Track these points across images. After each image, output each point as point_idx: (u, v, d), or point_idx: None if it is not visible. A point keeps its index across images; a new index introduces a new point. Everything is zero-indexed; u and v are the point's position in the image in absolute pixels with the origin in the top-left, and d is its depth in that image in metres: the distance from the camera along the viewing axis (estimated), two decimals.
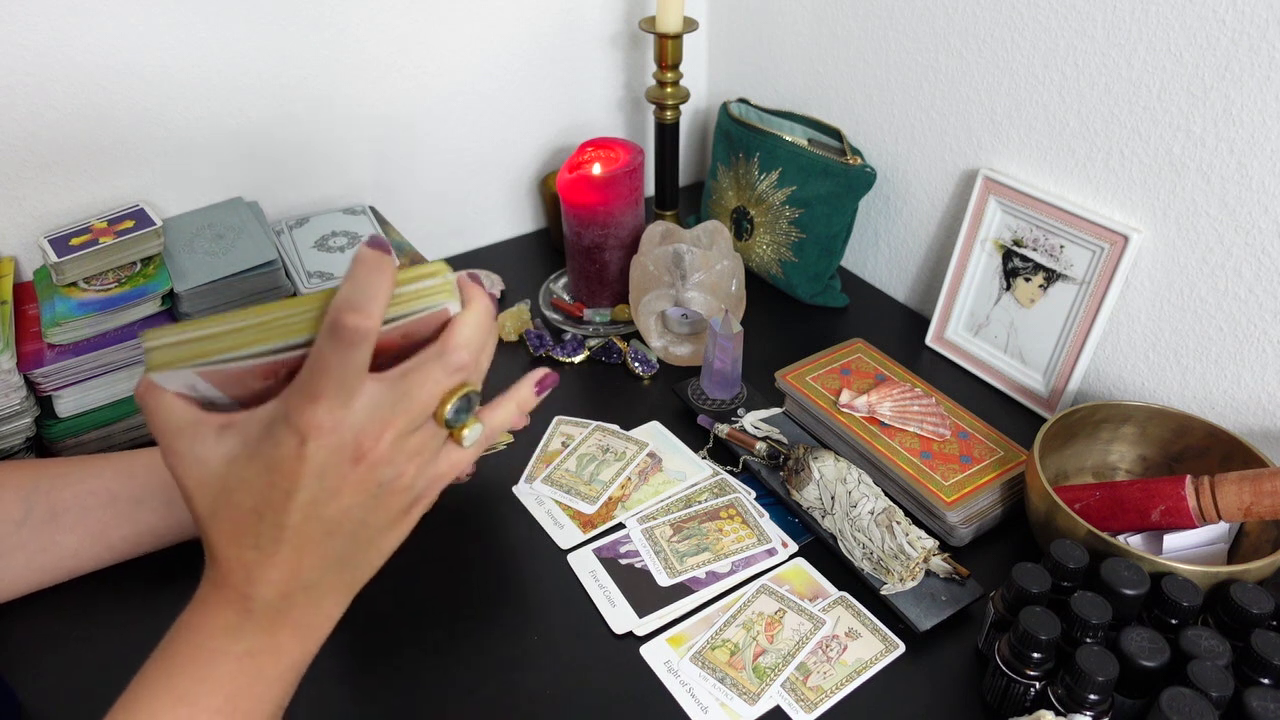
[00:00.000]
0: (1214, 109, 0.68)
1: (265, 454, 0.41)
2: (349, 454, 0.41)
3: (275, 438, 0.41)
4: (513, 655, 0.62)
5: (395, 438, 0.42)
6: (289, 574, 0.43)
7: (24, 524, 0.59)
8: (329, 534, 0.43)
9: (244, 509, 0.42)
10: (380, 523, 0.45)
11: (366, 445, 0.41)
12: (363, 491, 0.43)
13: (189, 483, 0.43)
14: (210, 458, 0.42)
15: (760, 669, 0.61)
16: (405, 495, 0.45)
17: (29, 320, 0.76)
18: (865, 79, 0.96)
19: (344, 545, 0.44)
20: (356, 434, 0.41)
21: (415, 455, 0.44)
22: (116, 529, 0.62)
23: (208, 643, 0.43)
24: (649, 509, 0.73)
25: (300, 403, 0.40)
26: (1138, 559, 0.59)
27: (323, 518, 0.42)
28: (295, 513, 0.41)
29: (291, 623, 0.44)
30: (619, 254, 0.93)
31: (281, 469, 0.41)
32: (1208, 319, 0.73)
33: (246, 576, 0.42)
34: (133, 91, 0.82)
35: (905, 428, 0.76)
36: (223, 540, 0.43)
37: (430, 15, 0.95)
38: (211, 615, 0.43)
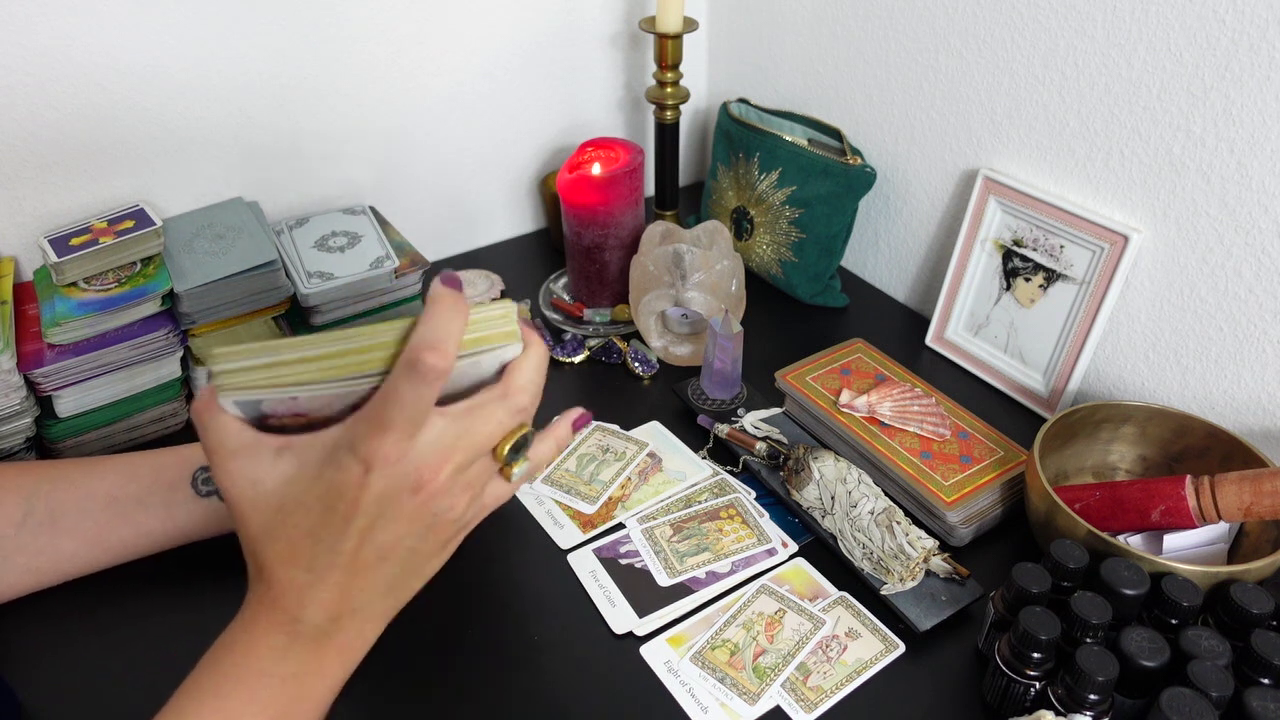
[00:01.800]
0: (1214, 109, 0.68)
1: (327, 478, 0.42)
2: (409, 484, 0.43)
3: (338, 463, 0.42)
4: (513, 655, 0.62)
5: (453, 470, 0.44)
6: (339, 598, 0.44)
7: (23, 526, 0.59)
8: (381, 559, 0.44)
9: (300, 531, 0.43)
10: (428, 550, 0.46)
11: (426, 477, 0.43)
12: (418, 521, 0.44)
13: (243, 503, 0.44)
14: (266, 478, 0.43)
15: (760, 669, 0.61)
16: (454, 526, 0.47)
17: (29, 320, 0.76)
18: (865, 79, 0.96)
19: (393, 572, 0.45)
20: (418, 466, 0.43)
21: (468, 488, 0.46)
22: (115, 531, 0.62)
23: (255, 664, 0.43)
24: (649, 509, 0.73)
25: (368, 431, 0.42)
26: (1138, 559, 0.59)
27: (377, 544, 0.44)
28: (352, 538, 0.43)
29: (336, 646, 0.45)
30: (619, 254, 0.93)
31: (343, 494, 0.42)
32: (1208, 319, 0.73)
33: (298, 599, 0.44)
34: (133, 91, 0.82)
35: (905, 428, 0.76)
36: (276, 561, 0.44)
37: (430, 15, 0.95)
38: (261, 636, 0.44)
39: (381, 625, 0.48)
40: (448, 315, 0.42)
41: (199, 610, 0.64)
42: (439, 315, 0.42)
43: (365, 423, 0.42)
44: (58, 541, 0.60)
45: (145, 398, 0.79)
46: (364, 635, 0.47)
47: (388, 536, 0.44)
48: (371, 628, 0.47)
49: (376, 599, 0.46)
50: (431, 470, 0.43)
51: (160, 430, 0.81)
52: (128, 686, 0.60)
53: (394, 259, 0.86)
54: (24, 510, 0.59)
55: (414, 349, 0.41)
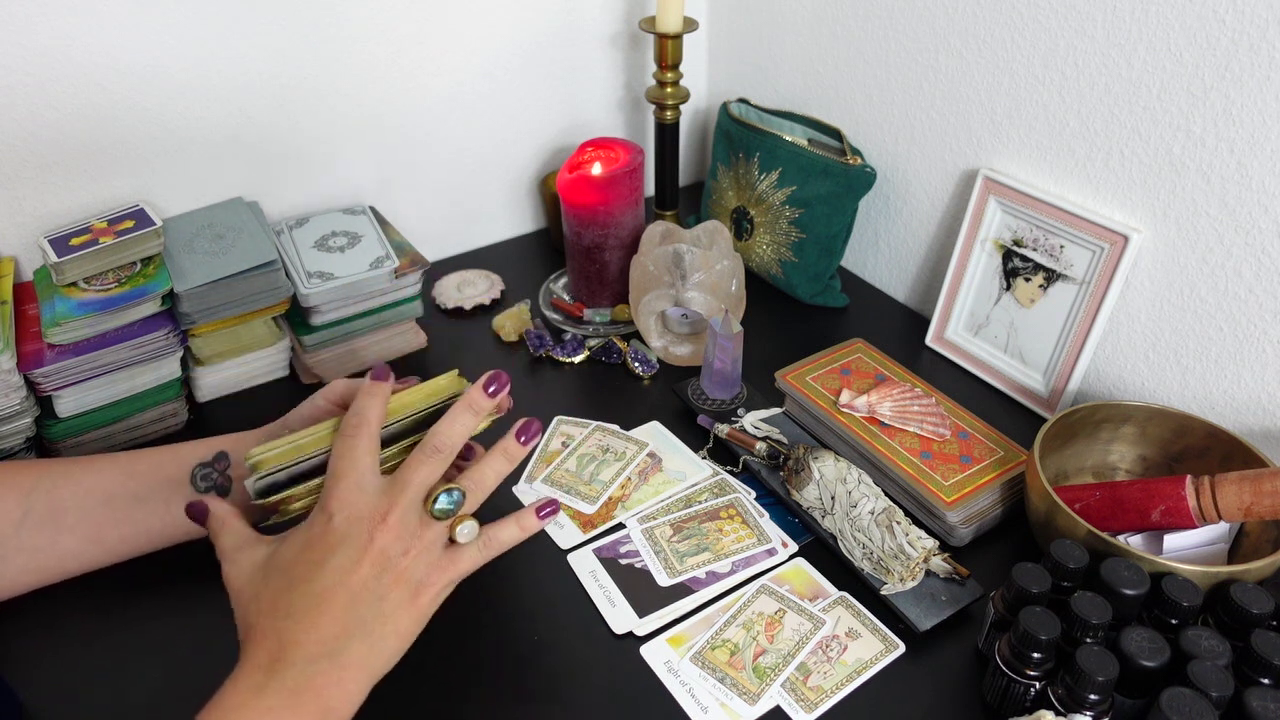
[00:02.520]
0: (1214, 109, 0.68)
1: (302, 536, 0.51)
2: (366, 526, 0.51)
3: (310, 521, 0.52)
4: (513, 655, 0.62)
5: (400, 515, 0.52)
6: (314, 637, 0.48)
7: (23, 524, 0.59)
8: (351, 602, 0.49)
9: (279, 587, 0.50)
10: (395, 598, 0.51)
11: (376, 521, 0.51)
12: (377, 564, 0.51)
13: (239, 581, 0.52)
14: (258, 558, 0.52)
15: (760, 669, 0.61)
16: (408, 576, 0.52)
17: (29, 320, 0.76)
18: (865, 79, 0.96)
19: (363, 615, 0.50)
20: (371, 509, 0.51)
21: (416, 537, 0.52)
22: (115, 529, 0.62)
23: (235, 699, 0.47)
24: (649, 509, 0.73)
25: (329, 487, 0.52)
26: (1138, 559, 0.59)
27: (346, 585, 0.49)
28: (322, 580, 0.49)
29: (314, 689, 0.47)
30: (619, 254, 0.93)
31: (313, 544, 0.51)
32: (1208, 319, 0.73)
33: (278, 640, 0.48)
34: (133, 91, 0.82)
35: (905, 428, 0.76)
36: (259, 616, 0.49)
37: (430, 15, 0.95)
38: (243, 679, 0.48)
39: (360, 678, 0.50)
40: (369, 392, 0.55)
41: (199, 611, 0.64)
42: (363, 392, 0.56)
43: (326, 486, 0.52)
44: (58, 539, 0.61)
45: (145, 398, 0.79)
46: (342, 684, 0.48)
47: (354, 580, 0.50)
48: (349, 677, 0.49)
49: (349, 642, 0.49)
50: (381, 514, 0.51)
51: (160, 430, 0.81)
52: (128, 687, 0.60)
53: (394, 259, 0.86)
54: (24, 508, 0.60)
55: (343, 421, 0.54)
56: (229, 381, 0.85)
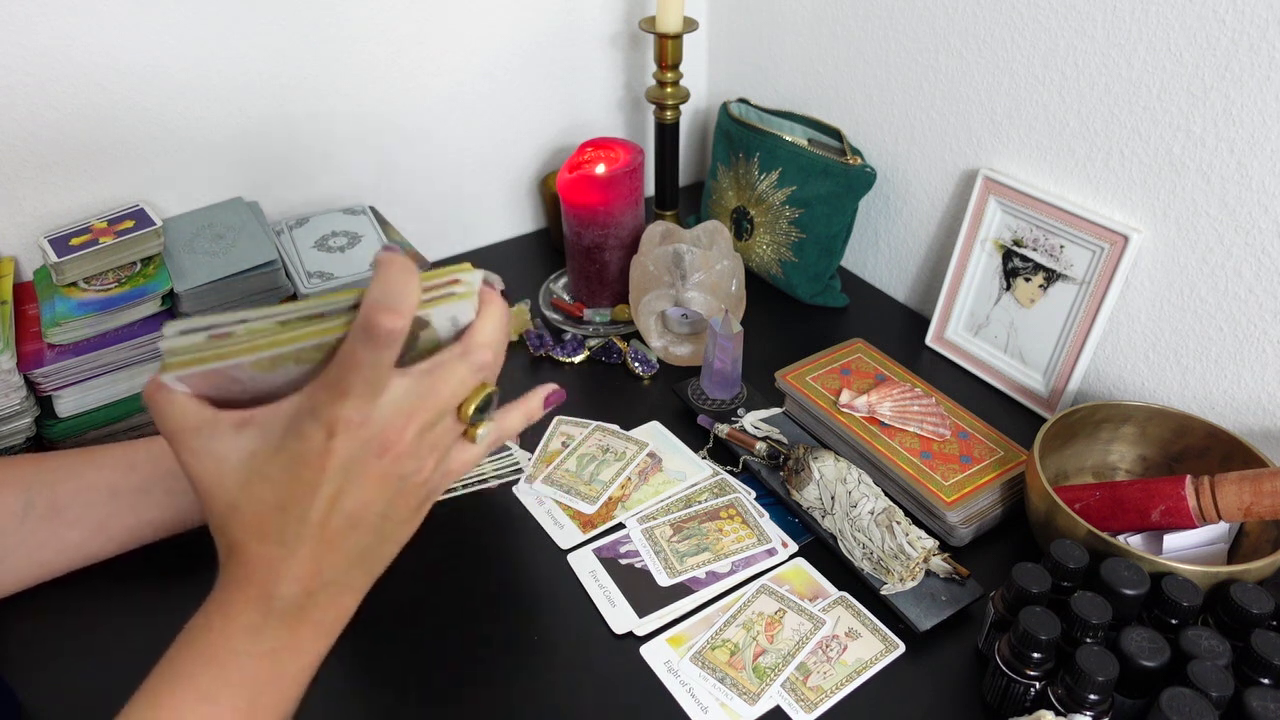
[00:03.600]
0: (1214, 109, 0.68)
1: (290, 448, 0.42)
2: (375, 447, 0.42)
3: (301, 432, 0.41)
4: (513, 655, 0.62)
5: (418, 431, 0.43)
6: (312, 570, 0.43)
7: (25, 520, 0.59)
8: (352, 527, 0.44)
9: (267, 504, 0.42)
10: (399, 516, 0.46)
11: (391, 438, 0.43)
12: (386, 485, 0.44)
13: (206, 479, 0.43)
14: (228, 453, 0.42)
15: (760, 669, 0.61)
16: (423, 489, 0.46)
17: (29, 320, 0.76)
18: (865, 79, 0.96)
19: (365, 540, 0.44)
20: (383, 428, 0.42)
21: (434, 449, 0.45)
22: (119, 521, 0.62)
23: (229, 643, 0.43)
24: (649, 509, 0.73)
25: (329, 398, 0.41)
26: (1138, 559, 0.59)
27: (346, 511, 0.43)
28: (320, 507, 0.42)
29: (312, 621, 0.44)
30: (619, 254, 0.93)
31: (308, 463, 0.41)
32: (1208, 319, 0.73)
33: (270, 572, 0.43)
34: (133, 91, 0.82)
35: (905, 428, 0.76)
36: (244, 535, 0.43)
37: (430, 15, 0.95)
38: (234, 615, 0.43)
39: (358, 597, 0.47)
40: (399, 276, 0.41)
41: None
42: (390, 277, 0.41)
43: (325, 389, 0.41)
44: (61, 533, 0.60)
45: None
46: (340, 607, 0.46)
47: (356, 503, 0.43)
48: (348, 599, 0.46)
49: (350, 570, 0.45)
50: (396, 432, 0.43)
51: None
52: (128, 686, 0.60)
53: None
54: (24, 503, 0.59)
55: (368, 312, 0.40)
56: None
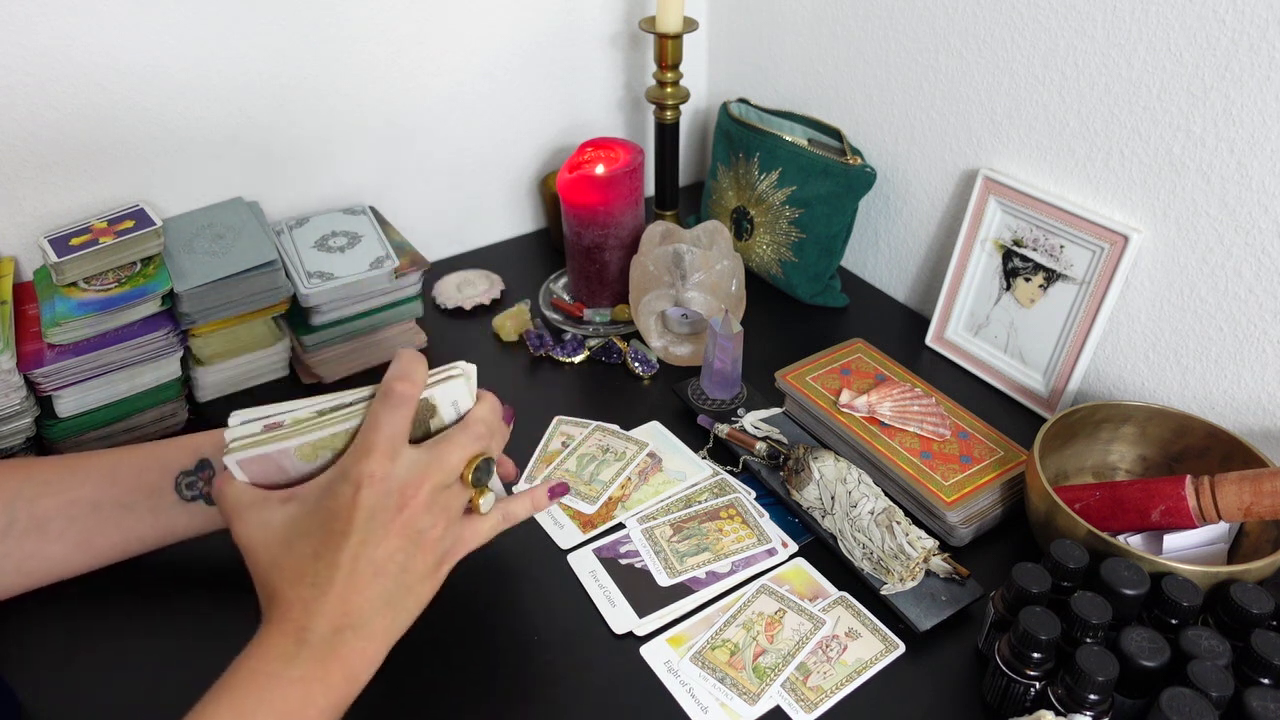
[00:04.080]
0: (1214, 109, 0.68)
1: (324, 505, 0.50)
2: (394, 501, 0.50)
3: (334, 491, 0.50)
4: (513, 655, 0.62)
5: (430, 491, 0.52)
6: (341, 610, 0.49)
7: (8, 535, 0.59)
8: (376, 574, 0.50)
9: (304, 555, 0.50)
10: (418, 570, 0.52)
11: (409, 494, 0.51)
12: (405, 537, 0.51)
13: (254, 543, 0.51)
14: (274, 521, 0.51)
15: (760, 669, 0.61)
16: (438, 546, 0.53)
17: (29, 320, 0.76)
18: (865, 79, 0.96)
19: (388, 587, 0.51)
20: (401, 484, 0.51)
21: (445, 509, 0.53)
22: (104, 536, 0.61)
23: (265, 666, 0.48)
24: (649, 509, 0.73)
25: (356, 458, 0.51)
26: (1138, 559, 0.59)
27: (372, 559, 0.50)
28: (348, 551, 0.49)
29: (340, 659, 0.49)
30: (619, 254, 0.93)
31: (338, 515, 0.50)
32: (1208, 319, 0.73)
33: (304, 610, 0.49)
34: (133, 91, 0.82)
35: (905, 428, 0.76)
36: (283, 584, 0.50)
37: (430, 15, 0.95)
38: (270, 645, 0.48)
39: (383, 646, 0.51)
40: (411, 358, 0.54)
41: (200, 610, 0.64)
42: (404, 358, 0.54)
43: (353, 454, 0.51)
44: (45, 548, 0.60)
45: (145, 398, 0.79)
46: (366, 653, 0.50)
47: (380, 552, 0.50)
48: (373, 647, 0.51)
49: (375, 615, 0.50)
50: (412, 488, 0.51)
51: (160, 430, 0.81)
52: (128, 686, 0.60)
53: (394, 259, 0.86)
54: (7, 519, 0.59)
55: (387, 382, 0.52)
56: (229, 381, 0.85)
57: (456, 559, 0.56)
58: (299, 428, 0.53)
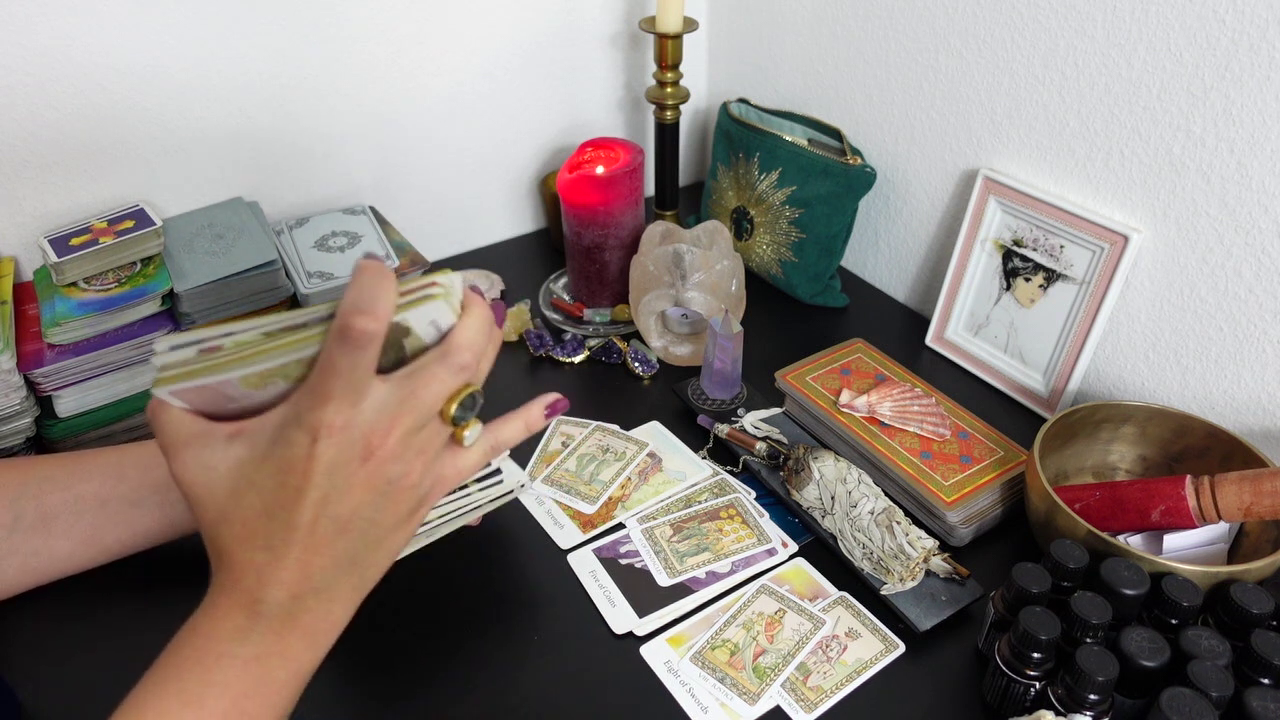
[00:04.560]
0: (1214, 109, 0.68)
1: (276, 455, 0.42)
2: (358, 451, 0.42)
3: (286, 438, 0.42)
4: (513, 655, 0.62)
5: (402, 435, 0.43)
6: (300, 575, 0.43)
7: (15, 530, 0.59)
8: (340, 532, 0.43)
9: (254, 510, 0.43)
10: (389, 522, 0.45)
11: (375, 442, 0.43)
12: (372, 489, 0.43)
13: (197, 489, 0.43)
14: (219, 463, 0.43)
15: (760, 669, 0.61)
16: (413, 494, 0.46)
17: (29, 320, 0.76)
18: (865, 79, 0.96)
19: (354, 545, 0.44)
20: (366, 432, 0.42)
21: (421, 453, 0.45)
22: (111, 532, 0.61)
23: (215, 646, 0.43)
24: (649, 509, 0.73)
25: (311, 403, 0.41)
26: (1138, 559, 0.59)
27: (333, 516, 0.43)
28: (306, 511, 0.42)
29: (301, 627, 0.44)
30: (619, 254, 0.93)
31: (293, 468, 0.42)
32: (1208, 319, 0.73)
33: (257, 578, 0.43)
34: (133, 91, 0.82)
35: (905, 428, 0.76)
36: (233, 543, 0.43)
37: (430, 15, 0.95)
38: (220, 619, 0.43)
39: (349, 606, 0.46)
40: (373, 280, 0.41)
41: None
42: (364, 281, 0.41)
43: (308, 395, 0.42)
44: (52, 544, 0.60)
45: (145, 398, 0.79)
46: (331, 616, 0.45)
47: (343, 508, 0.43)
48: (339, 608, 0.45)
49: (339, 575, 0.44)
50: (380, 435, 0.43)
51: None
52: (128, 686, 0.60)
53: (394, 259, 0.86)
54: (13, 514, 0.59)
55: (343, 316, 0.40)
56: None
57: (436, 499, 0.48)
58: (242, 355, 0.43)
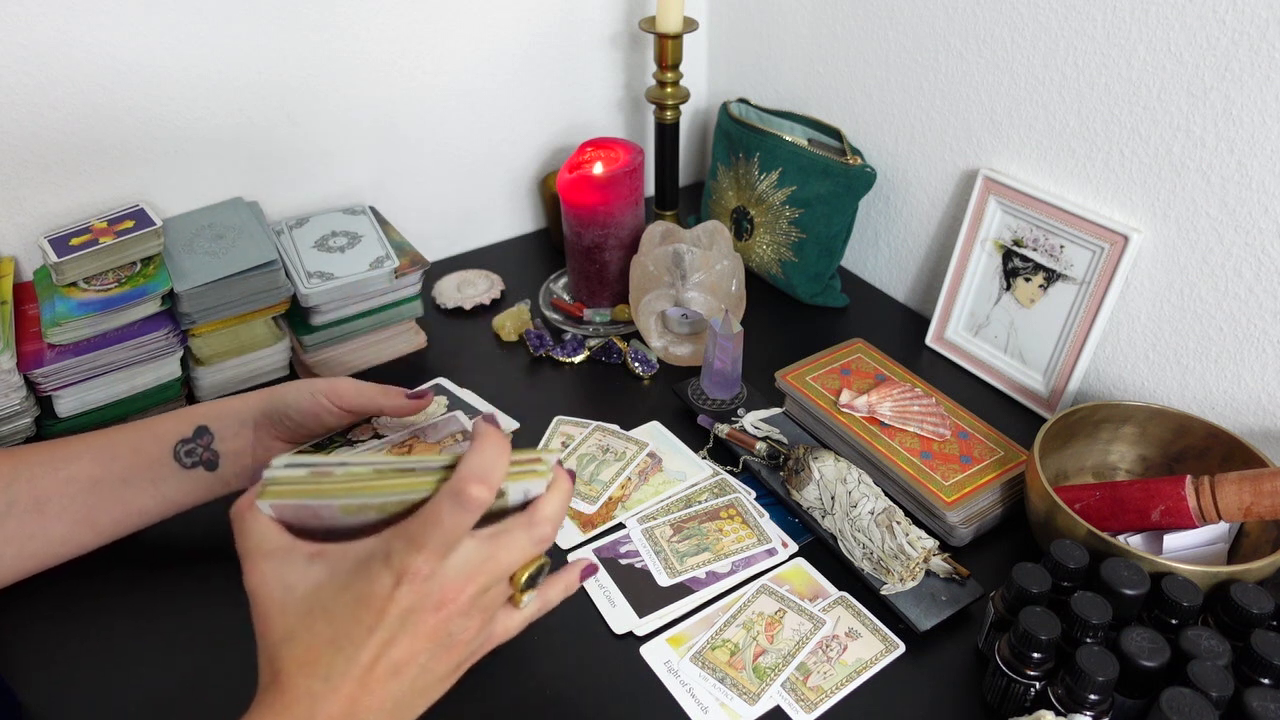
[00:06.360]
0: (1214, 109, 0.68)
1: (356, 588, 0.44)
2: (433, 601, 0.45)
3: (370, 574, 0.44)
4: (513, 655, 0.62)
5: (475, 593, 0.46)
6: (346, 711, 0.44)
7: (9, 515, 0.59)
8: (394, 675, 0.45)
9: (322, 639, 0.44)
10: (440, 671, 0.47)
11: (450, 596, 0.45)
12: (434, 639, 0.45)
13: (271, 605, 0.45)
14: (297, 583, 0.45)
15: (760, 669, 0.61)
16: (467, 648, 0.48)
17: (29, 320, 0.76)
18: (865, 79, 0.96)
19: (403, 690, 0.46)
20: (444, 585, 0.45)
21: (484, 611, 0.48)
22: (105, 512, 0.61)
23: None
24: (649, 509, 0.73)
25: (405, 547, 0.44)
26: (1138, 559, 0.59)
27: (393, 659, 0.44)
28: (372, 649, 0.44)
29: None
30: (619, 254, 0.93)
31: (370, 605, 0.44)
32: (1208, 319, 0.73)
33: (309, 708, 0.44)
34: (133, 91, 0.82)
35: (905, 428, 0.76)
36: (293, 665, 0.44)
37: (430, 15, 0.95)
38: None
39: None
40: (494, 452, 0.45)
41: (202, 611, 0.64)
42: (486, 450, 0.45)
43: (402, 539, 0.44)
44: (47, 527, 0.60)
45: (145, 398, 0.79)
46: None
47: (404, 652, 0.45)
48: None
49: (380, 716, 0.46)
50: (455, 590, 0.45)
51: None
52: (127, 686, 0.60)
53: (394, 259, 0.86)
54: (7, 500, 0.59)
55: (462, 479, 0.43)
56: (229, 381, 0.84)
57: (480, 656, 0.50)
58: (351, 484, 0.46)
